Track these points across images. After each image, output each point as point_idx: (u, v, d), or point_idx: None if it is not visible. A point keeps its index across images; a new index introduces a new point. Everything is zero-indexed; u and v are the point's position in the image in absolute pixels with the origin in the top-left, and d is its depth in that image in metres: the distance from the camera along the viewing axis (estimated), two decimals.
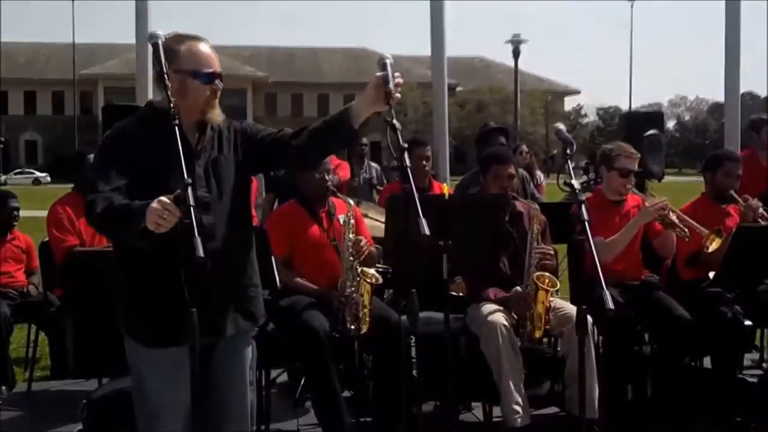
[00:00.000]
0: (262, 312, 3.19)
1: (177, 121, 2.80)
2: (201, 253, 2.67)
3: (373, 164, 8.24)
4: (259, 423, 4.28)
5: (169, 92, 2.85)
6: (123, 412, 4.13)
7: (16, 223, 6.09)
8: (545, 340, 4.90)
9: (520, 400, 4.29)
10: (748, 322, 4.76)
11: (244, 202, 3.16)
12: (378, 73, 2.85)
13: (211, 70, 2.99)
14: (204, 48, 3.01)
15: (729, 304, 4.70)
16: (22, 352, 6.13)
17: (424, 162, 6.14)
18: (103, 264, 4.86)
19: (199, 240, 2.70)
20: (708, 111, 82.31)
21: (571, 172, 3.86)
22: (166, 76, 2.87)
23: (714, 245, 4.59)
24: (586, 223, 3.53)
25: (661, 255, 4.97)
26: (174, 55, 2.95)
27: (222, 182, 2.99)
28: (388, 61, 2.91)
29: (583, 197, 3.78)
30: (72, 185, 5.70)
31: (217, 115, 3.02)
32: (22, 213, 6.23)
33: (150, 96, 7.27)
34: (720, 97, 8.86)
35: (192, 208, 2.82)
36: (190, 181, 2.79)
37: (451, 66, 7.83)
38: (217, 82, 2.99)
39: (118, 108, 7.25)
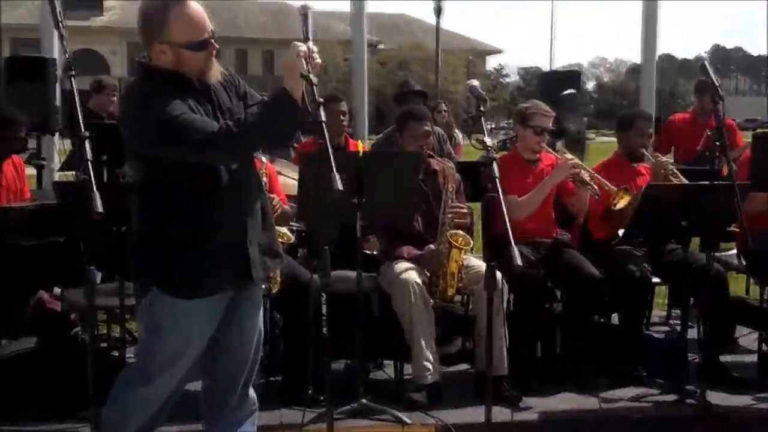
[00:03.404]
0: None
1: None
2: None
3: None
4: None
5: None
6: None
7: None
8: (458, 298, 4.91)
9: (431, 357, 4.30)
10: (655, 279, 4.87)
11: None
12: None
13: (205, 37, 2.81)
14: (194, 10, 2.79)
15: (637, 262, 4.78)
16: None
17: (341, 118, 6.04)
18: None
19: None
20: (627, 72, 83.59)
21: (485, 129, 3.81)
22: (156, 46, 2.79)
23: (622, 203, 4.62)
24: (497, 180, 3.50)
25: (573, 214, 5.01)
26: (162, 26, 2.77)
27: None
28: (309, 12, 2.88)
29: (496, 155, 3.76)
30: None
31: (216, 73, 2.91)
32: None
33: (55, 47, 6.94)
34: (639, 59, 8.97)
35: None
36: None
37: (372, 23, 7.75)
38: (212, 43, 2.83)
39: (24, 60, 6.91)
